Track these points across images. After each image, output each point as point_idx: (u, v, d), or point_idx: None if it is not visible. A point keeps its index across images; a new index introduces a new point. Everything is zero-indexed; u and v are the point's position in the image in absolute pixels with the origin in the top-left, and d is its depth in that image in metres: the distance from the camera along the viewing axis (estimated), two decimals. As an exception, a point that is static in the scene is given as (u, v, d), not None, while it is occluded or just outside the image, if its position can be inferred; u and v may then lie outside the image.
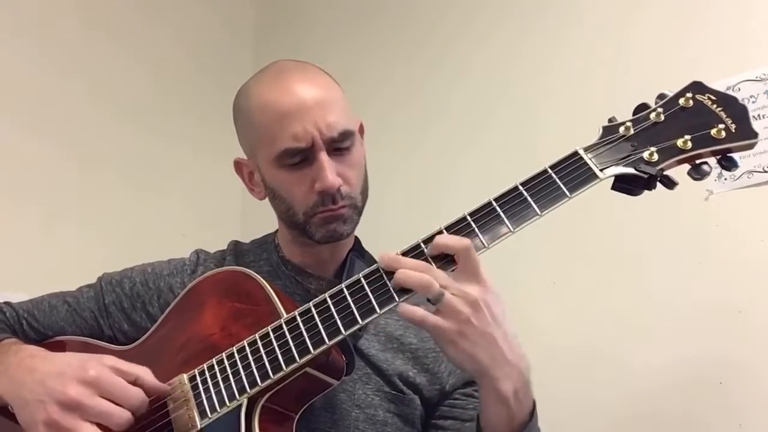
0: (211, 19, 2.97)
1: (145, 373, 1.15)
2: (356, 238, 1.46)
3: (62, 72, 2.45)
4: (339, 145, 1.29)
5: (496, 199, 1.08)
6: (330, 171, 1.26)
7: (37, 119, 2.36)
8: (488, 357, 1.04)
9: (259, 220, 1.57)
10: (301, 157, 1.27)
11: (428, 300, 1.03)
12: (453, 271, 1.06)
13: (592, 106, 1.94)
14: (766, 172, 1.63)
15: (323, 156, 1.26)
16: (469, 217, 1.08)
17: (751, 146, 1.01)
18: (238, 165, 1.43)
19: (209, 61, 2.92)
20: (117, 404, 1.08)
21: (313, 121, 1.25)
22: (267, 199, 1.40)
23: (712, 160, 1.05)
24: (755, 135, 1.00)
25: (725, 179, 1.68)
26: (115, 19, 2.62)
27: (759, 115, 1.66)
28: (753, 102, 1.67)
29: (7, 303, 1.44)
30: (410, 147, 2.36)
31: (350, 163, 1.31)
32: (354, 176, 1.32)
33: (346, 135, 1.29)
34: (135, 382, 1.12)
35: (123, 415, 1.08)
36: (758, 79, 1.68)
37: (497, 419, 1.09)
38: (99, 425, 1.07)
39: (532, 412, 1.11)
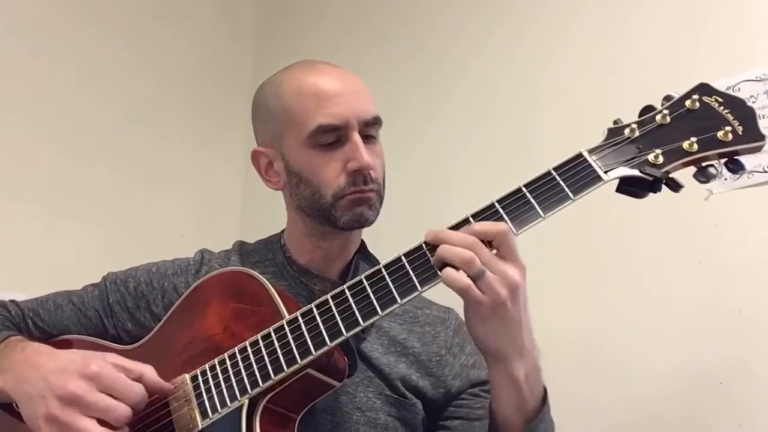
0: (211, 19, 2.96)
1: (149, 371, 1.14)
2: (362, 241, 1.47)
3: (62, 71, 2.43)
4: (370, 131, 1.33)
5: (499, 201, 1.07)
6: (365, 150, 1.29)
7: (36, 119, 2.35)
8: (509, 339, 1.06)
9: (259, 220, 1.58)
10: (335, 137, 1.29)
11: (468, 276, 1.02)
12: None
13: (592, 104, 1.94)
14: (766, 172, 1.63)
15: (357, 136, 1.30)
16: (471, 219, 1.07)
17: (758, 149, 1.01)
18: (256, 154, 1.42)
19: (209, 60, 2.91)
20: (118, 399, 1.08)
21: (348, 104, 1.29)
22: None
23: (719, 163, 1.04)
24: (762, 138, 1.00)
25: (725, 179, 1.68)
26: (115, 18, 2.61)
27: (759, 115, 1.65)
28: (753, 102, 1.67)
29: (12, 301, 1.44)
30: (410, 146, 2.36)
31: (376, 152, 1.34)
32: (379, 165, 1.35)
33: (378, 121, 1.34)
34: (139, 380, 1.12)
35: (122, 410, 1.07)
36: (758, 79, 1.68)
37: (509, 403, 1.10)
38: (100, 420, 1.06)
39: (544, 399, 1.13)
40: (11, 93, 2.29)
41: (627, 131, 1.07)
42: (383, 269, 1.09)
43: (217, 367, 1.17)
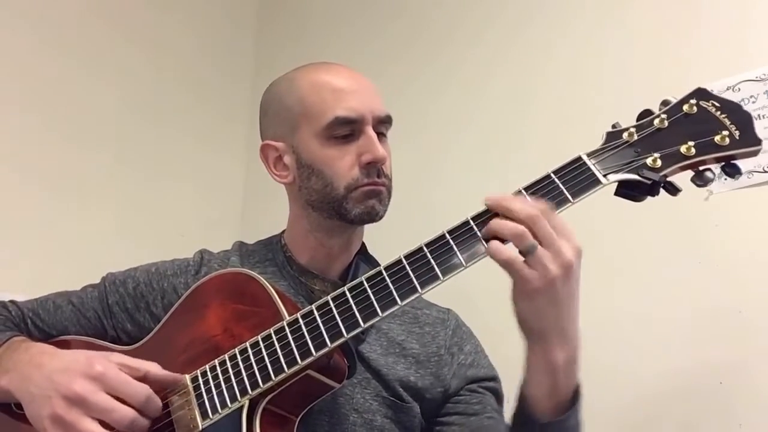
0: (212, 11, 2.96)
1: (153, 368, 1.15)
2: (363, 242, 1.47)
3: (61, 64, 2.44)
4: (381, 129, 1.37)
5: (499, 203, 1.07)
6: (379, 144, 1.32)
7: (36, 118, 2.35)
8: (554, 321, 1.03)
9: (259, 220, 1.57)
10: (350, 130, 1.32)
11: (519, 251, 1.01)
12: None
13: (588, 103, 1.94)
14: (766, 172, 1.63)
15: (372, 131, 1.32)
16: (471, 222, 1.07)
17: (755, 153, 1.01)
18: (265, 148, 1.42)
19: (211, 60, 2.91)
20: (122, 400, 1.09)
21: (364, 100, 1.33)
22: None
23: (716, 167, 1.05)
24: (759, 142, 1.00)
25: (725, 179, 1.67)
26: (119, 11, 2.62)
27: (759, 115, 1.66)
28: (753, 102, 1.67)
29: (12, 301, 1.44)
30: (409, 145, 2.35)
31: (386, 150, 1.36)
32: (388, 163, 1.37)
33: (389, 120, 1.38)
34: (145, 378, 1.13)
35: (124, 412, 1.08)
36: (758, 79, 1.67)
37: (541, 389, 1.07)
38: (103, 421, 1.07)
39: (576, 393, 1.09)
40: (9, 88, 2.29)
41: (625, 135, 1.07)
42: (384, 271, 1.09)
43: (218, 367, 1.18)
